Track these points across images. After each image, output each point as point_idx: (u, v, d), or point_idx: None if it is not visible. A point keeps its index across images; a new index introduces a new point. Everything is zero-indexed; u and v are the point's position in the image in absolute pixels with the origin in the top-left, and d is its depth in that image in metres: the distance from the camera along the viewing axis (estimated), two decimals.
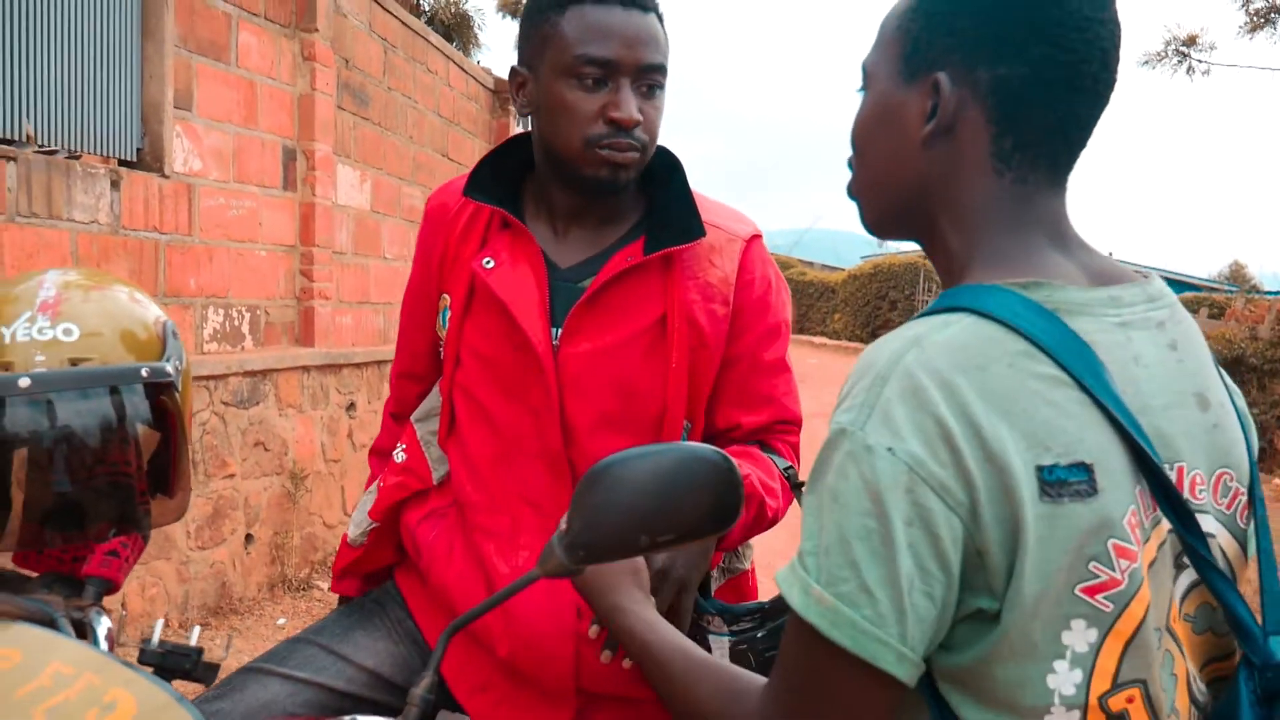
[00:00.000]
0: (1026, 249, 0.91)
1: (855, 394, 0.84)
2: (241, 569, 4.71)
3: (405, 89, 6.59)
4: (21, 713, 0.82)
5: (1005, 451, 0.79)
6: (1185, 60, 9.85)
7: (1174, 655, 0.87)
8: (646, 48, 1.36)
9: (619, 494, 0.98)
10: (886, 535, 0.79)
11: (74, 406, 1.11)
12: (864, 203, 1.01)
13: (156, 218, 4.16)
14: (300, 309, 5.23)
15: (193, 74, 4.39)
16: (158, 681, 0.87)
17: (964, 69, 0.89)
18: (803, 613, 0.81)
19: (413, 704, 1.03)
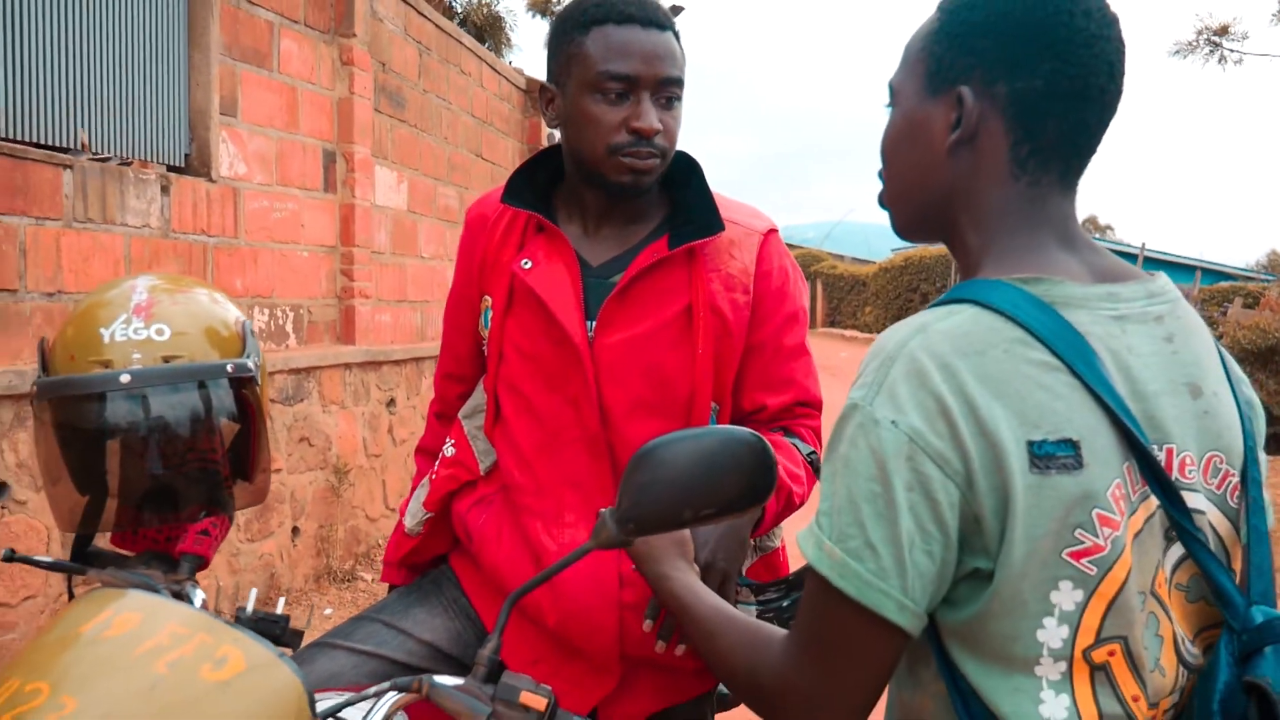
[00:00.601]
0: (1035, 247, 1.00)
1: (866, 374, 0.94)
2: (289, 560, 4.86)
3: (440, 91, 6.72)
4: (146, 665, 0.93)
5: (998, 428, 0.89)
6: (1217, 50, 9.81)
7: (1159, 618, 0.96)
8: (664, 63, 1.47)
9: (664, 472, 1.09)
10: (889, 498, 0.89)
11: (167, 400, 1.22)
12: (894, 210, 1.11)
13: (204, 221, 4.30)
14: (341, 308, 5.37)
15: (237, 81, 4.53)
16: (260, 640, 0.99)
17: (984, 84, 0.99)
18: (816, 565, 0.92)
19: (480, 664, 1.13)
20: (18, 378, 3.28)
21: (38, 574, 3.41)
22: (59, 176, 3.56)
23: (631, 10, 1.48)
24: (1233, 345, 10.75)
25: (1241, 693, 0.91)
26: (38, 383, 1.26)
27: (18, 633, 3.33)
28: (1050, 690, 0.92)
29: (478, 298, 1.64)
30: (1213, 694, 0.92)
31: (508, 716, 1.10)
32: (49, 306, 3.52)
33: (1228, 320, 13.42)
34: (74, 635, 0.99)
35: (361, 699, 1.12)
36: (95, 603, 1.03)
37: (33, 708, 0.89)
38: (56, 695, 0.90)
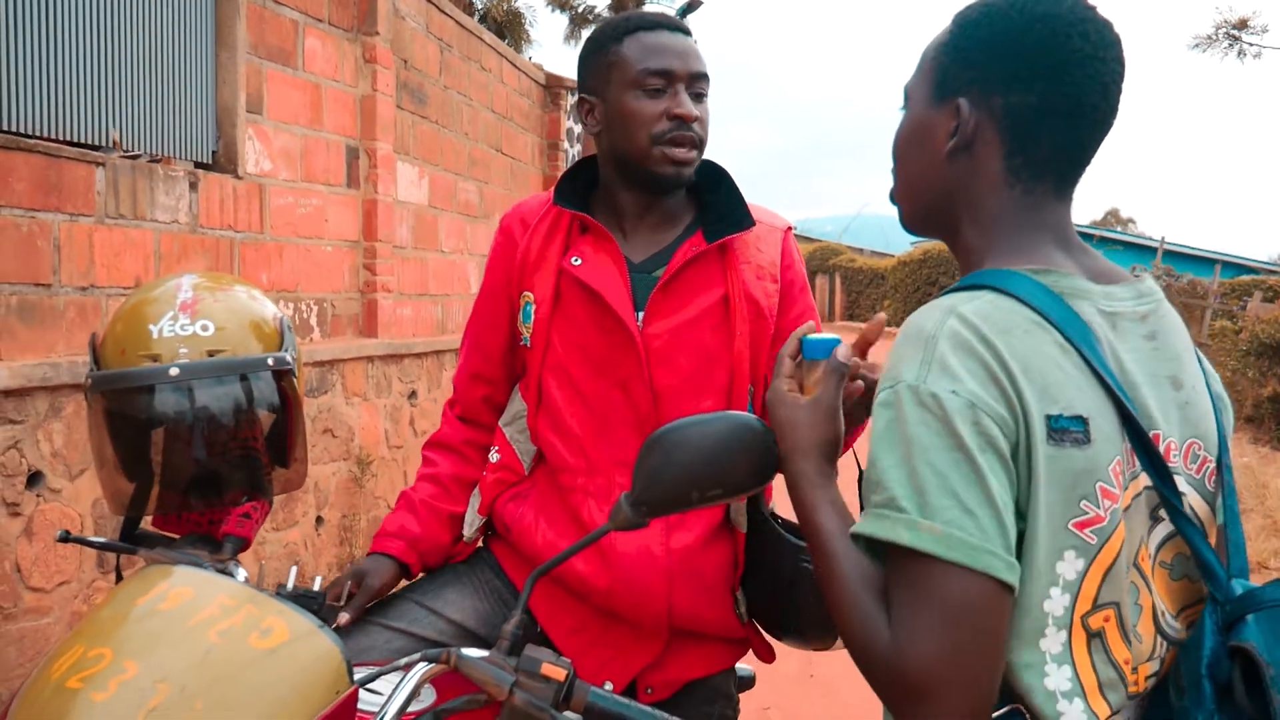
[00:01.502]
0: (1036, 247, 1.08)
1: (908, 358, 0.99)
2: (313, 549, 4.96)
3: (460, 87, 6.79)
4: (199, 634, 1.02)
5: (1026, 399, 0.96)
6: (1236, 43, 9.78)
7: (1139, 588, 1.03)
8: (694, 60, 1.65)
9: (673, 457, 1.18)
10: (971, 463, 0.93)
11: (212, 391, 1.31)
12: (901, 205, 1.19)
13: (231, 217, 4.40)
14: (364, 301, 5.47)
15: (263, 79, 4.62)
16: (303, 612, 1.08)
17: (982, 96, 1.07)
18: (915, 545, 0.92)
19: (504, 637, 1.22)
20: (52, 370, 3.38)
21: (72, 560, 3.51)
22: (91, 174, 3.65)
23: (658, 18, 1.67)
24: (1252, 339, 10.73)
25: (1227, 658, 0.98)
26: (91, 376, 1.34)
27: (53, 616, 3.43)
28: (1053, 663, 0.98)
29: (517, 295, 1.74)
30: (1200, 660, 0.99)
31: (529, 686, 1.17)
32: (82, 300, 3.62)
33: (1247, 314, 13.37)
34: (132, 607, 1.07)
35: (393, 669, 1.19)
36: (149, 578, 1.12)
37: (98, 671, 0.97)
38: (119, 660, 0.98)
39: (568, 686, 1.19)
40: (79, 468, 3.54)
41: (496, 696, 1.19)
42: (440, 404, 6.27)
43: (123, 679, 0.97)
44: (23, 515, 3.36)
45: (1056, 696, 0.98)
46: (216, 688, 0.99)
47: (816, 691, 3.91)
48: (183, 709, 0.96)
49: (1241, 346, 10.76)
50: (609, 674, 1.63)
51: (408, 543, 1.75)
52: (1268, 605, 0.98)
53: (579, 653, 1.64)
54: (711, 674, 1.70)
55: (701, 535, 1.64)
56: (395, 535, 1.76)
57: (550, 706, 1.17)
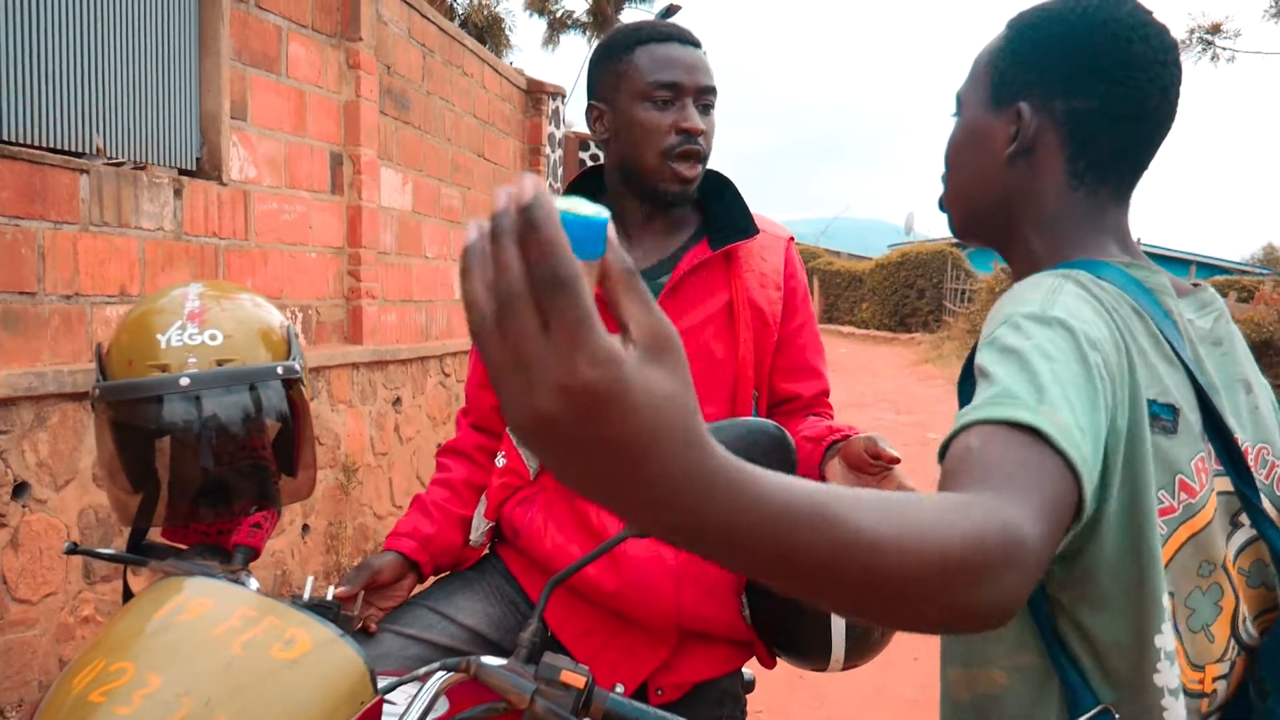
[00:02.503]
0: (1102, 249, 1.08)
1: (1029, 300, 0.94)
2: (299, 557, 4.93)
3: (443, 92, 6.78)
4: (223, 645, 1.01)
5: (1132, 378, 0.93)
6: (1210, 48, 9.88)
7: (1224, 589, 1.01)
8: (703, 73, 1.67)
9: None
10: (1090, 381, 0.87)
11: (222, 401, 1.30)
12: (954, 211, 1.18)
13: (216, 223, 4.37)
14: (349, 308, 5.45)
15: (247, 85, 4.60)
16: (324, 622, 1.07)
17: (1042, 100, 1.06)
18: (1034, 422, 0.80)
19: (522, 645, 1.23)
20: (37, 379, 3.35)
21: (58, 571, 3.48)
22: (75, 181, 3.63)
23: (669, 30, 1.68)
24: None
25: None
26: (99, 386, 1.33)
27: (39, 629, 3.40)
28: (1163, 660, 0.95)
29: None
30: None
31: (549, 694, 1.18)
32: (66, 309, 3.59)
33: None
34: (151, 620, 1.06)
35: (412, 679, 1.19)
36: (166, 590, 1.11)
37: (120, 685, 0.96)
38: (141, 674, 0.98)
39: (587, 693, 1.19)
40: (65, 478, 3.51)
41: (518, 705, 1.19)
42: (425, 410, 6.26)
43: (146, 692, 0.96)
44: (8, 526, 3.33)
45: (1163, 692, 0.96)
46: (240, 700, 0.98)
47: (806, 694, 3.93)
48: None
49: None
50: (619, 676, 1.64)
51: (419, 542, 1.75)
52: None
53: (590, 656, 1.64)
54: (720, 676, 1.71)
55: None
56: (408, 535, 1.76)
57: (571, 714, 1.17)
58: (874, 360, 18.24)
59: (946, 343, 18.65)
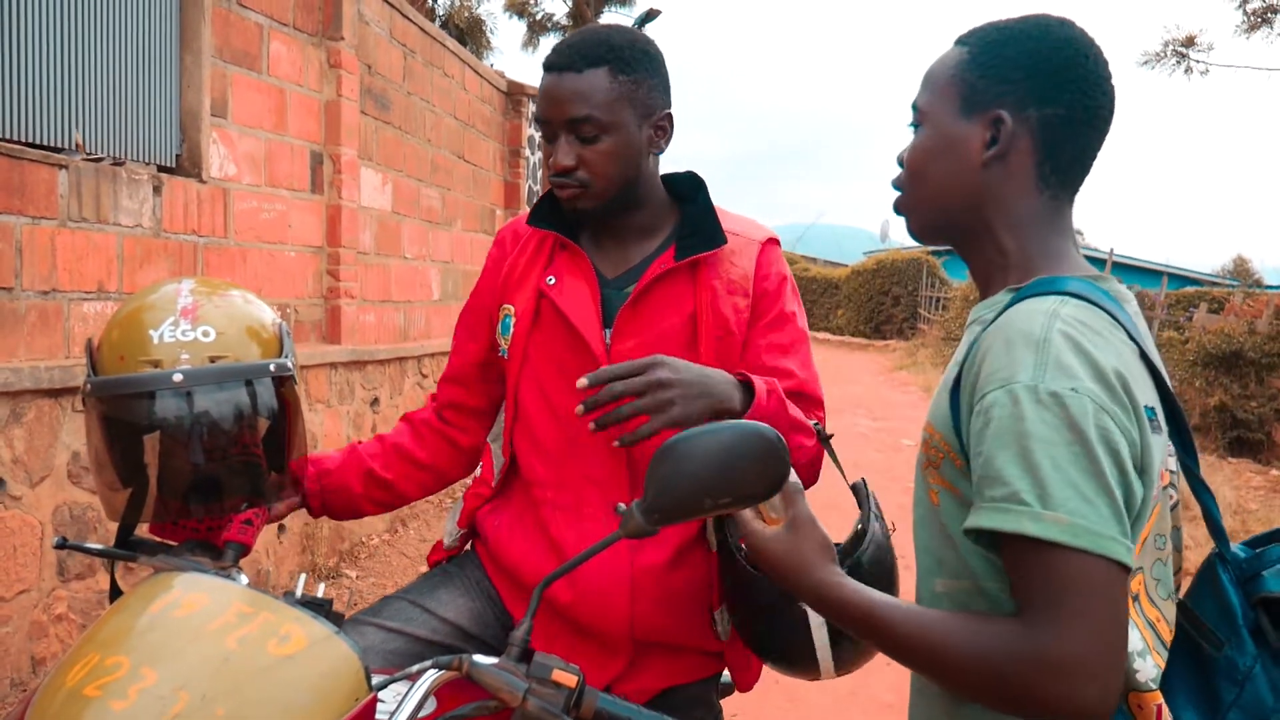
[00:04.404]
0: (1066, 252, 1.20)
1: (1020, 360, 1.04)
2: (275, 557, 4.91)
3: (423, 93, 6.77)
4: (219, 640, 1.02)
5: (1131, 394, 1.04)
6: (1184, 60, 10.01)
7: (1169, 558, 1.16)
8: (571, 104, 1.59)
9: (685, 465, 1.19)
10: (1090, 455, 0.99)
11: (215, 397, 1.30)
12: (916, 215, 1.27)
13: (195, 221, 4.35)
14: (327, 308, 5.43)
15: (227, 83, 4.58)
16: (319, 619, 1.08)
17: (1018, 108, 1.16)
18: (1042, 535, 0.97)
19: (514, 645, 1.23)
20: (13, 375, 3.33)
21: (31, 568, 3.45)
22: (54, 176, 3.60)
23: (554, 58, 1.62)
24: (1198, 349, 10.96)
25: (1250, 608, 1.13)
26: (91, 382, 1.33)
27: (12, 626, 3.37)
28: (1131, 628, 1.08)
29: (496, 307, 1.76)
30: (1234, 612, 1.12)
31: (541, 693, 1.18)
32: (44, 305, 3.57)
33: (1193, 325, 13.65)
34: (145, 615, 1.06)
35: (404, 676, 1.20)
36: (159, 585, 1.11)
37: (116, 679, 0.96)
38: (136, 668, 0.98)
39: (578, 692, 1.20)
40: (40, 474, 3.48)
41: (510, 703, 1.19)
42: (402, 410, 6.24)
43: (142, 686, 0.96)
44: None
45: (1134, 655, 1.07)
46: (237, 695, 0.98)
47: (781, 697, 3.94)
48: (204, 716, 0.96)
49: (1189, 357, 10.98)
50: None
51: (318, 471, 1.75)
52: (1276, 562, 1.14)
53: None
54: (688, 682, 1.70)
55: (671, 552, 1.64)
56: (312, 463, 1.76)
57: (563, 712, 1.18)
58: (849, 366, 18.33)
59: (921, 349, 18.76)
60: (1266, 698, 1.09)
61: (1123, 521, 0.99)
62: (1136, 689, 1.08)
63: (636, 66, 1.61)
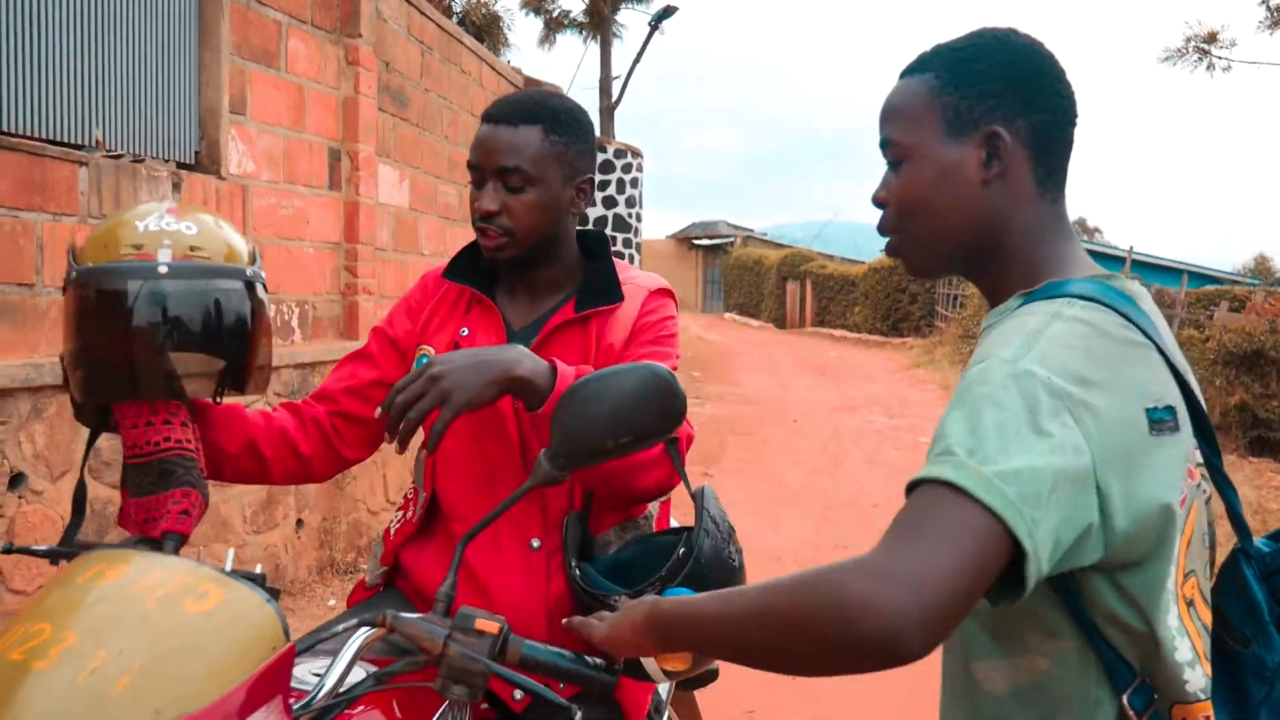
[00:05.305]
0: (1077, 254, 1.19)
1: (1011, 341, 1.03)
2: (293, 552, 4.93)
3: (441, 90, 6.79)
4: (137, 602, 1.07)
5: (1125, 399, 1.02)
6: (1206, 57, 9.94)
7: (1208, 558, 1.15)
8: (502, 154, 1.69)
9: (586, 410, 1.24)
10: (1040, 435, 0.95)
11: (196, 286, 1.39)
12: (918, 252, 1.23)
13: None
14: (345, 304, 5.45)
15: (246, 80, 4.60)
16: (237, 578, 1.14)
17: (1007, 121, 1.16)
18: (955, 479, 0.92)
19: (439, 600, 1.29)
20: (35, 371, 3.35)
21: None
22: (75, 173, 3.63)
23: (493, 110, 1.73)
24: (1219, 348, 10.89)
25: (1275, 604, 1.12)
26: (78, 271, 1.41)
27: None
28: (1178, 636, 1.06)
29: (414, 345, 1.82)
30: (1260, 608, 1.11)
31: (464, 640, 1.22)
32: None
33: (1214, 324, 13.56)
34: (71, 584, 1.11)
35: (331, 635, 1.25)
36: (88, 561, 1.16)
37: (39, 643, 1.01)
38: (59, 631, 1.02)
39: (502, 640, 1.24)
40: (61, 469, 3.51)
41: (431, 651, 1.23)
42: None
43: (62, 648, 1.00)
44: (5, 517, 3.32)
45: (1184, 666, 1.06)
46: (154, 648, 1.03)
47: (797, 695, 3.94)
48: (121, 670, 1.00)
49: (1209, 355, 10.91)
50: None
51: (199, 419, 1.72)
52: None
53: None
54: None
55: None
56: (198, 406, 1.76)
57: (486, 657, 1.21)
58: (866, 364, 18.28)
59: (938, 347, 18.70)
60: None
61: (1039, 510, 0.92)
62: (1183, 700, 1.06)
63: (568, 130, 1.72)
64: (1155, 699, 1.06)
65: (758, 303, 31.85)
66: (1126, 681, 1.06)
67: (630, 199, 11.46)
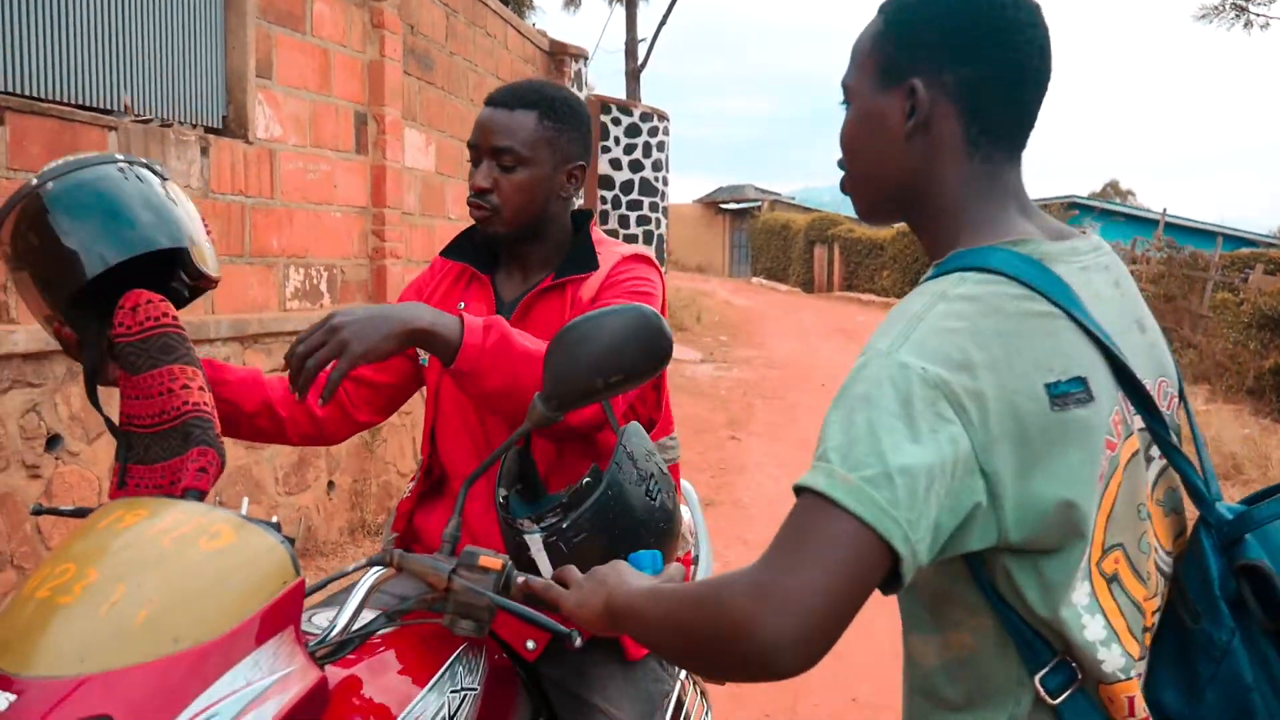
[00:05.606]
0: (1003, 217, 1.12)
1: (891, 330, 1.01)
2: (324, 514, 4.99)
3: (466, 53, 6.77)
4: (154, 542, 1.16)
5: (1017, 377, 0.98)
6: (1243, 14, 9.74)
7: (1149, 529, 1.09)
8: (498, 135, 1.80)
9: (576, 351, 1.28)
10: (913, 433, 0.94)
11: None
12: (856, 195, 1.21)
13: (242, 182, 4.39)
14: (372, 268, 5.47)
15: (272, 44, 4.60)
16: (248, 519, 1.21)
17: (933, 74, 1.10)
18: (826, 490, 0.92)
19: (445, 541, 1.35)
20: None
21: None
22: (104, 138, 3.65)
23: (494, 95, 1.85)
24: (1254, 311, 10.76)
25: (1232, 578, 1.04)
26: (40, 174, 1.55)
27: None
28: (1086, 614, 1.02)
29: None
30: (1211, 582, 1.04)
31: (469, 576, 1.28)
32: None
33: (1249, 286, 13.39)
34: (93, 529, 1.19)
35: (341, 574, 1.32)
36: (109, 508, 1.24)
37: (64, 581, 1.09)
38: (82, 569, 1.10)
39: (505, 576, 1.28)
40: (96, 431, 3.56)
41: (437, 586, 1.29)
42: None
43: (85, 584, 1.08)
44: (42, 478, 3.38)
45: (1096, 645, 1.01)
46: (171, 583, 1.10)
47: (833, 662, 3.96)
48: (140, 603, 1.07)
49: (1243, 319, 10.79)
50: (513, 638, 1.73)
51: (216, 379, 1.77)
52: (1262, 523, 1.04)
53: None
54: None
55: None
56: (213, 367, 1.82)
57: (491, 592, 1.26)
58: None
59: None
60: (1245, 673, 1.02)
61: (916, 511, 0.92)
62: (1103, 680, 1.02)
63: (562, 118, 1.82)
64: (1080, 678, 1.03)
65: (785, 267, 31.69)
66: (1043, 661, 1.03)
67: (657, 163, 11.41)
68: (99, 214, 1.51)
